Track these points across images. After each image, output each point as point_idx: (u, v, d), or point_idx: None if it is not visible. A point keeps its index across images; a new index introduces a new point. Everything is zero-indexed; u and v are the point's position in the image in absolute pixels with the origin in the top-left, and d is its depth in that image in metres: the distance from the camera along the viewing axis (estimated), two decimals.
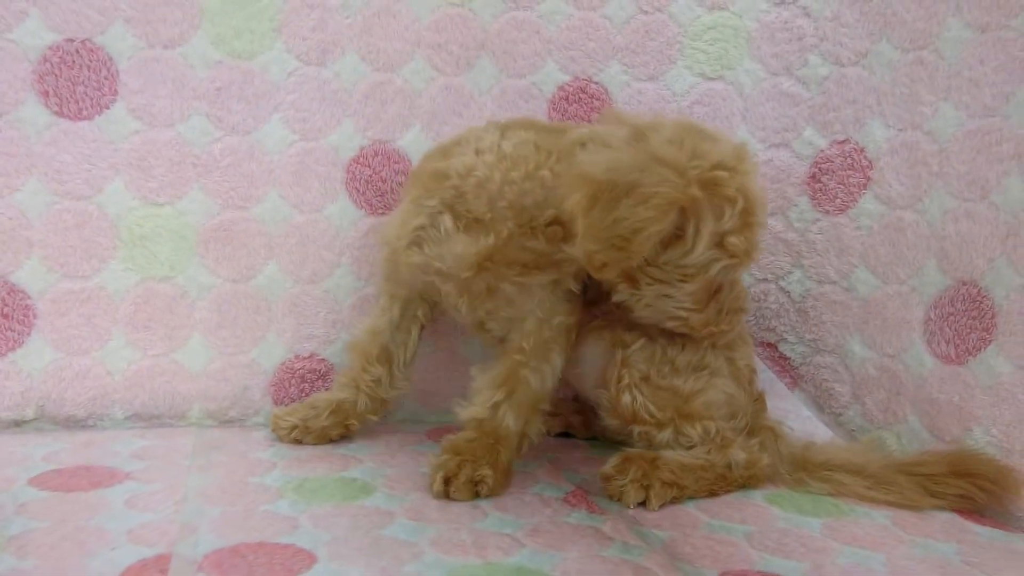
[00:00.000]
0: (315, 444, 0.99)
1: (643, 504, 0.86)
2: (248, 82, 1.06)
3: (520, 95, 1.13)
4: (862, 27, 1.09)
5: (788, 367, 1.18)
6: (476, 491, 0.84)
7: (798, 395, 1.17)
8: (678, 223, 0.80)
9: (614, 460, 0.89)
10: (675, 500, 0.87)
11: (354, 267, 1.10)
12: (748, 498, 0.90)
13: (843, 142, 1.11)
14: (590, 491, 0.89)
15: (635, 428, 0.91)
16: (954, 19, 0.98)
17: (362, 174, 1.10)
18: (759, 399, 1.00)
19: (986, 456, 0.91)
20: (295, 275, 1.09)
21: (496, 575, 0.68)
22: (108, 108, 1.03)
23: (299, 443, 0.99)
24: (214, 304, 1.07)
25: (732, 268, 0.85)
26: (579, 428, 1.09)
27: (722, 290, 0.88)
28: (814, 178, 1.14)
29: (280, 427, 1.00)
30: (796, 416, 1.13)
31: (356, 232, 1.10)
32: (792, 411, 1.14)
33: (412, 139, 1.11)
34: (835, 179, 1.12)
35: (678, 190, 0.78)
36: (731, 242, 0.82)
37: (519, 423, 0.88)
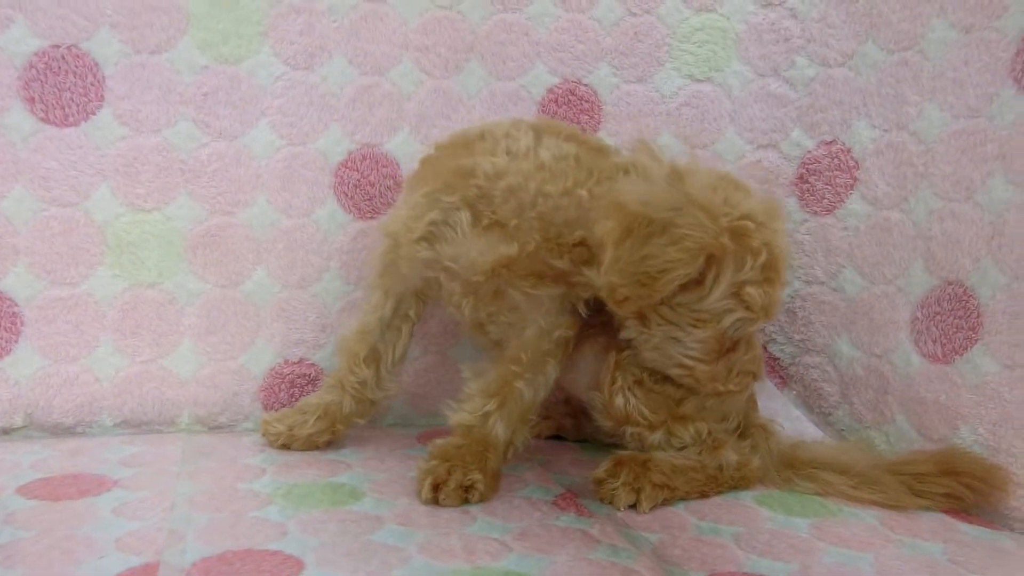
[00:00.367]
0: (303, 451, 0.98)
1: (634, 506, 0.86)
2: (235, 87, 1.05)
3: (509, 98, 1.13)
4: (848, 28, 1.09)
5: (777, 367, 1.18)
6: (466, 497, 0.84)
7: (787, 395, 1.17)
8: (701, 268, 0.80)
9: (606, 464, 0.89)
10: (666, 502, 0.87)
11: (343, 271, 1.10)
12: (738, 499, 0.91)
13: (830, 143, 1.12)
14: (580, 494, 0.90)
15: (628, 429, 0.91)
16: (938, 20, 0.99)
17: (350, 178, 1.10)
18: (750, 398, 1.00)
19: (973, 454, 0.91)
20: (284, 280, 1.09)
21: None
22: (94, 114, 1.02)
23: (288, 448, 0.99)
24: (203, 310, 1.07)
25: (747, 322, 0.85)
26: (570, 431, 1.10)
27: (737, 349, 0.87)
28: (802, 179, 1.15)
29: (268, 433, 0.99)
30: (786, 416, 1.14)
31: (344, 236, 1.10)
32: (782, 411, 1.14)
33: (400, 143, 1.11)
34: (822, 180, 1.12)
35: (710, 235, 0.78)
36: (749, 293, 0.82)
37: (508, 432, 0.88)
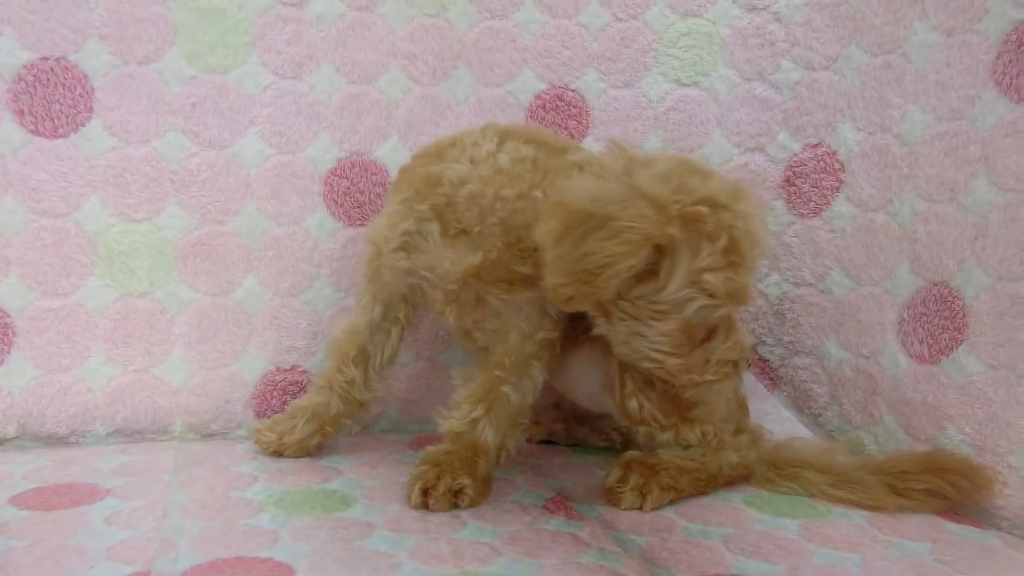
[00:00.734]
0: (295, 457, 0.99)
1: (639, 508, 0.87)
2: (223, 97, 1.06)
3: (497, 104, 1.14)
4: (832, 32, 1.10)
5: (767, 369, 1.19)
6: (455, 502, 0.85)
7: (778, 396, 1.18)
8: (652, 259, 0.78)
9: (615, 471, 0.90)
10: (671, 502, 0.89)
11: (333, 279, 1.11)
12: (727, 501, 0.91)
13: (816, 146, 1.13)
14: (570, 497, 0.90)
15: (640, 429, 0.93)
16: (920, 23, 1.00)
17: (340, 186, 1.10)
18: (743, 404, 1.02)
19: (957, 455, 0.92)
20: (274, 288, 1.09)
21: None
22: (84, 125, 1.03)
23: (280, 456, 0.99)
24: (194, 319, 1.07)
25: (711, 309, 0.80)
26: (561, 435, 1.10)
27: (714, 337, 0.84)
28: (788, 181, 1.15)
29: (260, 442, 1.00)
30: (776, 417, 1.15)
31: (335, 244, 1.10)
32: (772, 412, 1.15)
33: (389, 150, 1.11)
34: (808, 182, 1.13)
35: (654, 227, 0.75)
36: (707, 280, 0.78)
37: (498, 437, 0.88)
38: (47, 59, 1.01)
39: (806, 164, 1.13)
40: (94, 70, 1.02)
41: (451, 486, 0.84)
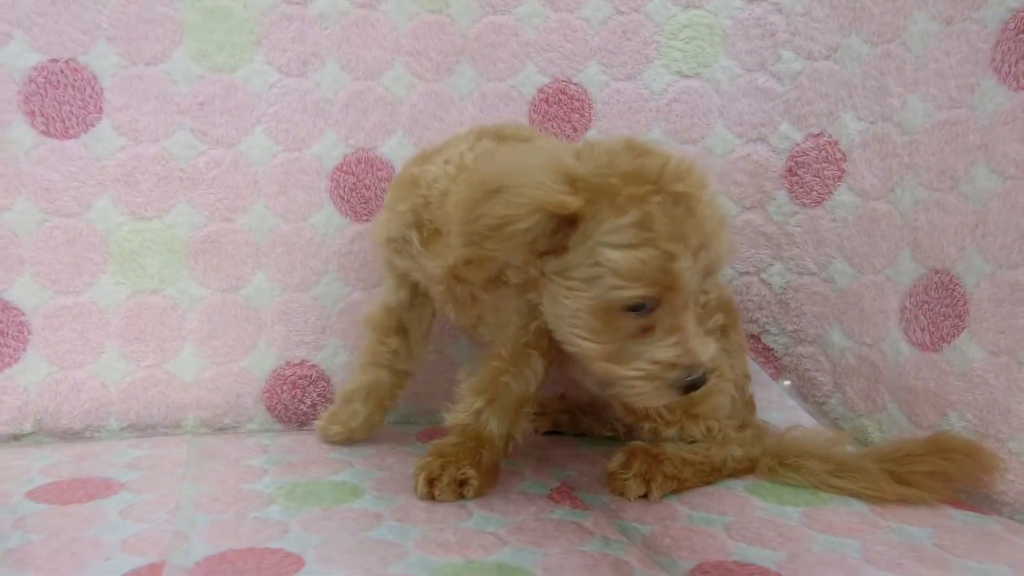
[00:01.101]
0: (364, 440, 1.03)
1: (645, 496, 0.88)
2: (230, 95, 1.08)
3: (501, 99, 1.15)
4: (832, 22, 1.10)
5: (771, 358, 1.20)
6: (461, 492, 0.86)
7: (781, 385, 1.19)
8: (558, 229, 0.75)
9: (619, 457, 0.91)
10: (675, 492, 0.90)
11: (341, 273, 1.12)
12: (729, 489, 0.92)
13: (817, 135, 1.13)
14: (575, 487, 0.91)
15: (645, 424, 0.94)
16: (920, 12, 1.00)
17: (346, 182, 1.12)
18: (749, 402, 1.03)
19: (961, 437, 0.92)
20: (283, 283, 1.11)
21: (477, 573, 0.70)
22: (94, 126, 1.05)
23: (352, 442, 1.03)
24: (204, 315, 1.09)
25: (619, 290, 0.74)
26: (567, 425, 1.12)
27: (650, 335, 0.76)
28: (791, 171, 1.16)
29: (327, 438, 1.04)
30: (780, 406, 1.15)
31: (342, 239, 1.12)
32: (776, 401, 1.16)
33: (395, 146, 1.13)
34: (811, 172, 1.14)
35: (548, 194, 0.73)
36: (609, 257, 0.73)
37: (503, 426, 0.90)
38: (57, 61, 1.03)
39: (808, 154, 1.14)
40: (103, 71, 1.04)
41: (455, 476, 0.86)
